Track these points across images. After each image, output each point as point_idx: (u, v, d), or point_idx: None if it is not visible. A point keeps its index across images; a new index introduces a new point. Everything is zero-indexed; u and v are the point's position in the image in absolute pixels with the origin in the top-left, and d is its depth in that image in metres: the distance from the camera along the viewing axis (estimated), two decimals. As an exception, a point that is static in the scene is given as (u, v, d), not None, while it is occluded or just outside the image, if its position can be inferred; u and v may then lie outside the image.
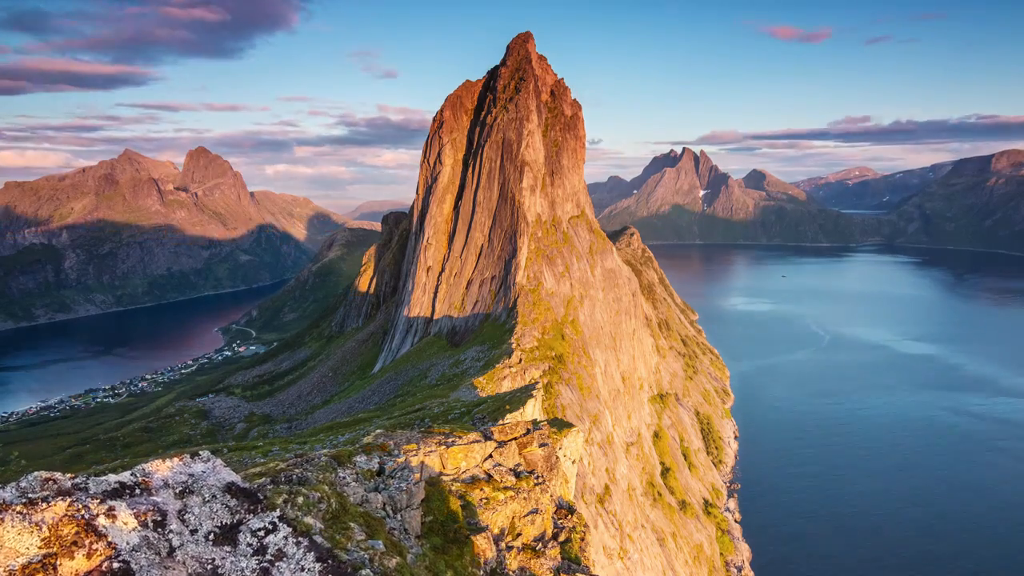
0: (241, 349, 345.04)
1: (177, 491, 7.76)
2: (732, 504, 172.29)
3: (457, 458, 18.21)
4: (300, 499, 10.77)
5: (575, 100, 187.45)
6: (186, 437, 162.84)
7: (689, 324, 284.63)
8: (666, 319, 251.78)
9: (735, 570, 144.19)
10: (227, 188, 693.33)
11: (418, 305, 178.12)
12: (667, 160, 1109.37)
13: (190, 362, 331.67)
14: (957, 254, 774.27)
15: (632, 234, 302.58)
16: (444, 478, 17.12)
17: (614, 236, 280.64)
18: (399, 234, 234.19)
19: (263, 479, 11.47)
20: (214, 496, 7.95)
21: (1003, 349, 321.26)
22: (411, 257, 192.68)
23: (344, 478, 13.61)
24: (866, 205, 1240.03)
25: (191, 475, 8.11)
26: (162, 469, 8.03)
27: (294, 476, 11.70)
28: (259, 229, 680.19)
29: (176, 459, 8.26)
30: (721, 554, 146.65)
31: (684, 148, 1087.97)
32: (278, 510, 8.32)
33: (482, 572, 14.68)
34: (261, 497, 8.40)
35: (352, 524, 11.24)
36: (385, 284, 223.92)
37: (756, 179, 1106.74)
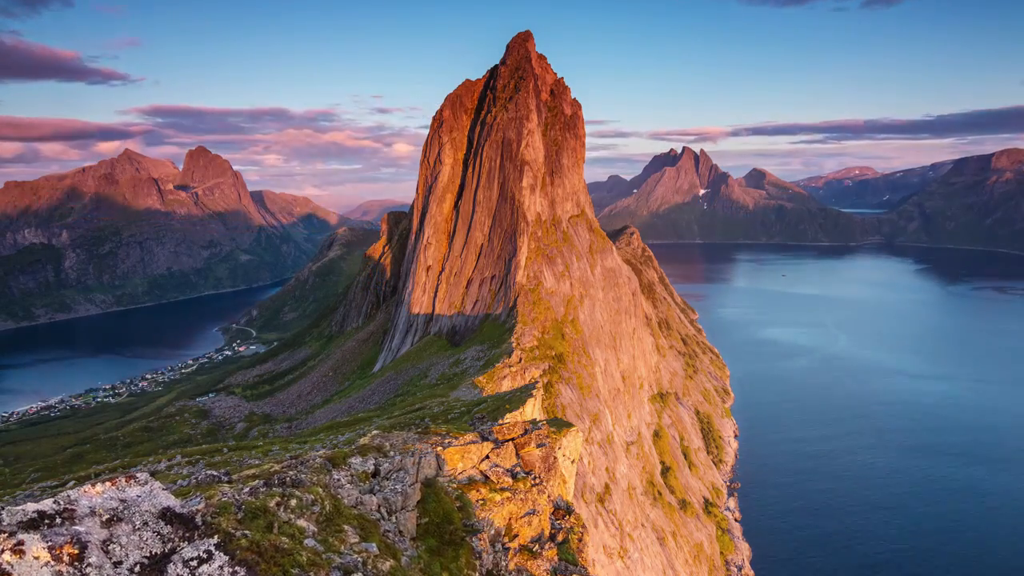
0: (241, 349, 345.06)
1: (104, 519, 7.10)
2: (732, 503, 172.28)
3: (454, 459, 18.13)
4: (293, 502, 10.71)
5: (575, 99, 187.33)
6: (186, 437, 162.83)
7: (689, 323, 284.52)
8: (666, 318, 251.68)
9: (735, 569, 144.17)
10: (227, 187, 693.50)
11: (418, 304, 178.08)
12: (667, 159, 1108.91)
13: (190, 362, 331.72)
14: (957, 253, 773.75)
15: (632, 233, 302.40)
16: (440, 479, 17.04)
17: (614, 235, 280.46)
18: (399, 233, 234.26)
19: (256, 481, 11.40)
20: (146, 523, 7.32)
21: (1004, 349, 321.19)
22: (411, 256, 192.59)
23: (339, 480, 13.51)
24: (866, 204, 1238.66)
25: (123, 501, 7.45)
26: (91, 495, 7.39)
27: (288, 478, 11.62)
28: (259, 229, 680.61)
29: (109, 483, 7.64)
30: (721, 553, 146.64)
31: (684, 147, 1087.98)
32: (216, 536, 7.68)
33: (478, 574, 14.61)
34: (200, 523, 7.78)
35: (346, 527, 11.16)
36: (385, 284, 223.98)
37: (756, 178, 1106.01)
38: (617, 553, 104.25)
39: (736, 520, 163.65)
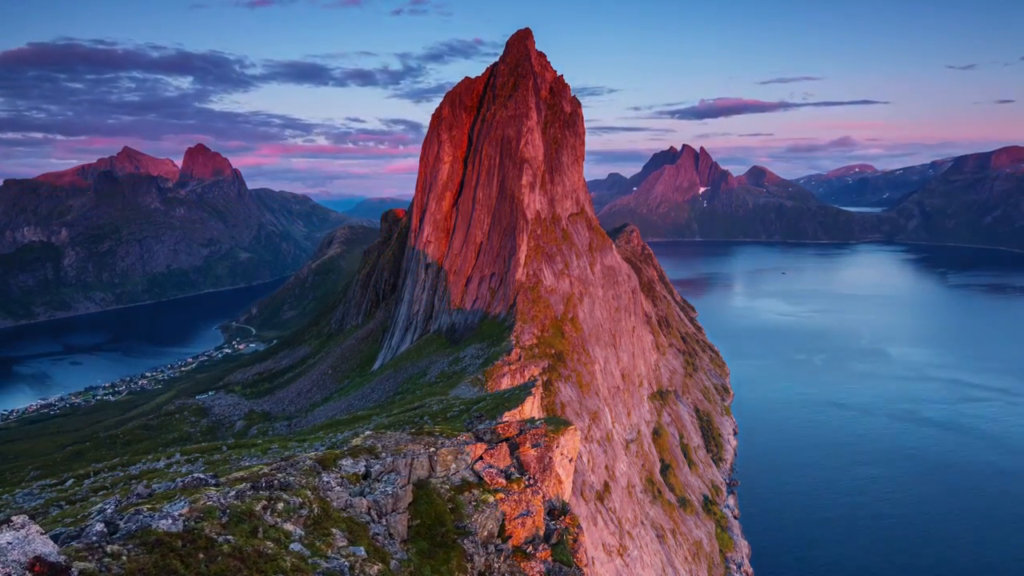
0: (241, 347, 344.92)
1: None
2: (732, 501, 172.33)
3: (446, 460, 17.99)
4: (280, 505, 10.58)
5: (574, 97, 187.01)
6: (186, 435, 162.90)
7: (689, 321, 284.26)
8: (666, 316, 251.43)
9: (734, 566, 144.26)
10: (227, 185, 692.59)
11: (417, 302, 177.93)
12: (667, 157, 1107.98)
13: (190, 360, 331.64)
14: (957, 251, 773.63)
15: (632, 231, 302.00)
16: (433, 481, 16.91)
17: (614, 233, 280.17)
18: (398, 231, 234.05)
19: (243, 484, 11.27)
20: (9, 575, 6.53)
21: (1003, 349, 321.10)
22: (411, 254, 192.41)
23: (328, 482, 13.34)
24: (866, 202, 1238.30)
25: None
26: None
27: (276, 481, 11.48)
28: (259, 227, 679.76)
29: None
30: (720, 551, 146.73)
31: (684, 145, 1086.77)
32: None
33: (470, 576, 14.47)
34: (75, 572, 6.98)
35: (334, 530, 11.03)
36: (384, 282, 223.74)
37: (756, 176, 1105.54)
38: (616, 551, 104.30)
39: (735, 518, 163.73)
